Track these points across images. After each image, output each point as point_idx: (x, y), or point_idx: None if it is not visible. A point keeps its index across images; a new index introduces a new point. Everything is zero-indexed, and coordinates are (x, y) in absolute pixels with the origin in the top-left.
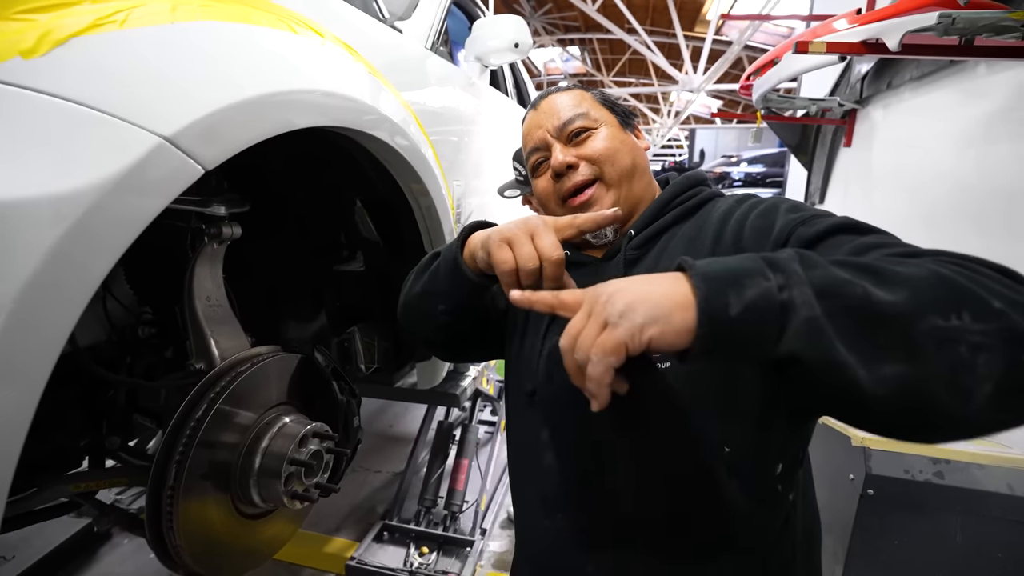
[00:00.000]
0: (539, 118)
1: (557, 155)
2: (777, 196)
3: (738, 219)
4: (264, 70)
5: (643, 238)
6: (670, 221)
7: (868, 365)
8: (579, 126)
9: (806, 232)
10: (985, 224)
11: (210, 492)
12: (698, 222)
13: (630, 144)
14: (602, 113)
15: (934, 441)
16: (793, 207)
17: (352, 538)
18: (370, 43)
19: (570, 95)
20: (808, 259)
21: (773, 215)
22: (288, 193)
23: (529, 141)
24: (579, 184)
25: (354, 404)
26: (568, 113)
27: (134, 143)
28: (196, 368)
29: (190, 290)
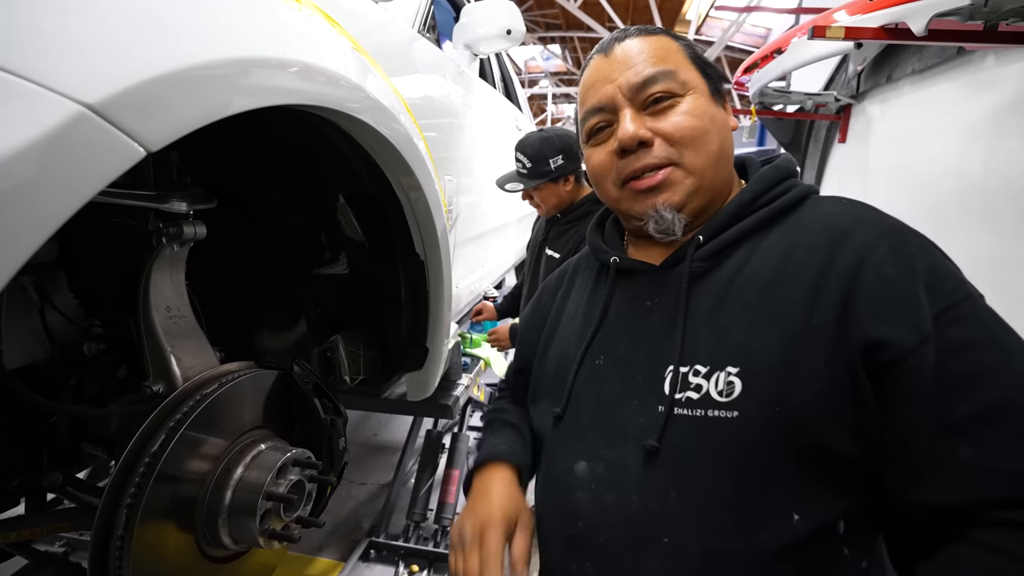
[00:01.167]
0: (609, 68)
1: (627, 124)
2: (900, 226)
3: (857, 251)
4: (224, 32)
5: (716, 246)
6: (751, 227)
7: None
8: (662, 89)
9: (954, 367)
10: (995, 222)
11: (170, 536)
12: (792, 231)
13: (720, 122)
14: (692, 76)
15: None
16: (933, 276)
17: (336, 558)
18: (354, 17)
19: (654, 42)
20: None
21: (910, 282)
22: (262, 188)
23: (591, 97)
24: (650, 166)
25: (339, 424)
26: (649, 69)
27: (47, 111)
28: (153, 390)
29: (146, 299)
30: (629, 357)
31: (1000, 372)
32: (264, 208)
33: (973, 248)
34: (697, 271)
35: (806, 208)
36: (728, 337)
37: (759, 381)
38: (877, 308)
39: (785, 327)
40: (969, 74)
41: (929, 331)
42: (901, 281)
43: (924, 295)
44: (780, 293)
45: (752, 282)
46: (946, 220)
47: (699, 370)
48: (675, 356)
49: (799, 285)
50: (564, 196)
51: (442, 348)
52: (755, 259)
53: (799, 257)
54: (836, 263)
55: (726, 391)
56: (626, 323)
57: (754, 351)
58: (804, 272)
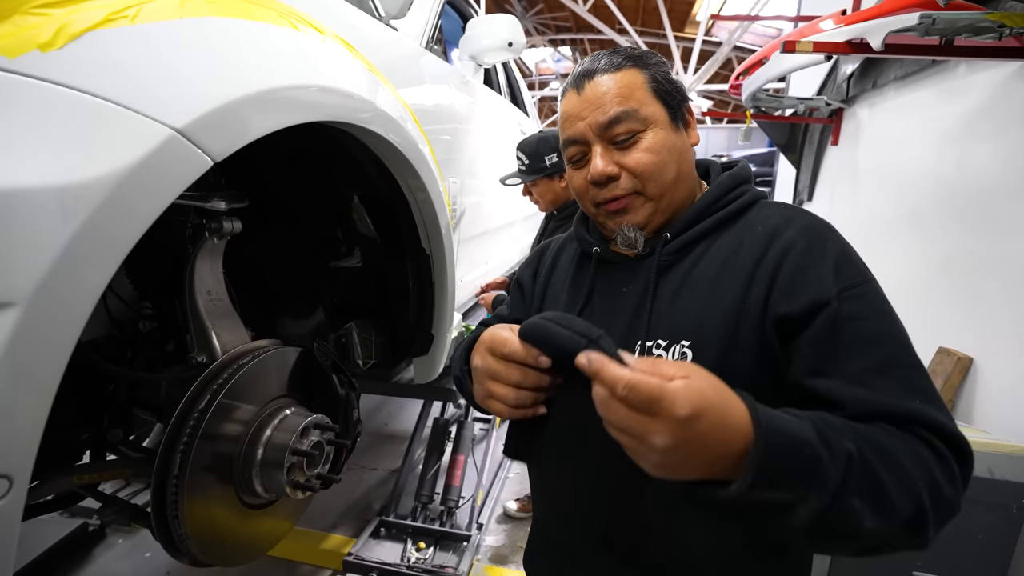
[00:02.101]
0: (581, 107)
1: (597, 162)
2: (821, 225)
3: (783, 245)
4: (269, 65)
5: (680, 243)
6: (709, 228)
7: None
8: (625, 130)
9: (856, 331)
10: (967, 221)
11: (214, 482)
12: (739, 232)
13: (679, 149)
14: (653, 109)
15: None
16: (842, 261)
17: (349, 534)
18: (367, 41)
19: (620, 81)
20: (848, 480)
21: (818, 266)
22: (286, 190)
23: (567, 129)
24: (617, 196)
25: (353, 397)
26: (615, 108)
27: (148, 134)
28: (198, 361)
29: (191, 284)
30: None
31: (889, 338)
32: (286, 208)
33: (947, 245)
34: (664, 263)
35: (753, 212)
36: (684, 317)
37: (705, 351)
38: (790, 290)
39: (726, 308)
40: (944, 81)
41: (834, 304)
42: (813, 267)
43: (832, 276)
44: (725, 282)
45: (705, 273)
46: (925, 219)
47: (660, 343)
48: (643, 332)
49: (739, 275)
50: (559, 192)
51: (446, 334)
52: (709, 254)
53: (742, 253)
54: (767, 257)
55: (680, 360)
56: (605, 305)
57: (702, 327)
58: (744, 265)
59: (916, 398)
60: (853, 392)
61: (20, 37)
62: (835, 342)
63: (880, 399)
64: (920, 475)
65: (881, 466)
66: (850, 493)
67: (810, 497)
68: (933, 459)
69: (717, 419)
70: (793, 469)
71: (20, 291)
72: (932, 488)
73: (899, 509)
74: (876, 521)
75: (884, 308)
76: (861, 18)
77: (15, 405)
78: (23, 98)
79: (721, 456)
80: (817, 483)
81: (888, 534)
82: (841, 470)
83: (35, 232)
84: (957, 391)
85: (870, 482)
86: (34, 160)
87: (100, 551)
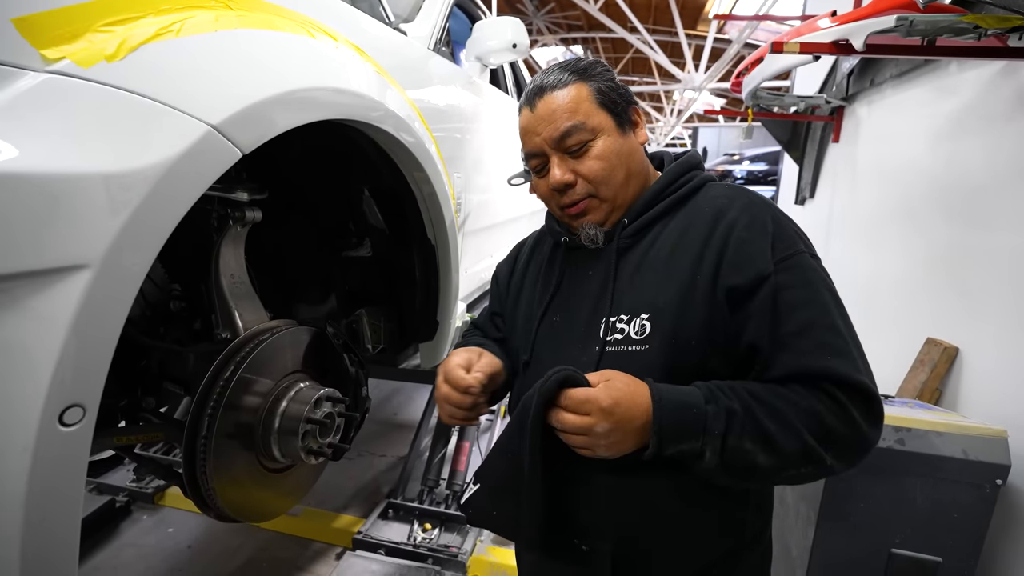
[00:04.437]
0: (534, 123)
1: (555, 172)
2: (761, 203)
3: (727, 224)
4: (289, 70)
5: (635, 228)
6: (662, 211)
7: (733, 481)
8: (575, 141)
9: (784, 300)
10: (955, 216)
11: (237, 444)
12: (690, 213)
13: (627, 151)
14: (600, 119)
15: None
16: (779, 236)
17: (359, 515)
18: (377, 45)
19: (567, 96)
20: (732, 427)
21: (759, 241)
22: (303, 183)
23: (526, 144)
24: (575, 200)
25: (362, 375)
26: (564, 123)
27: (190, 129)
28: (223, 337)
29: (217, 268)
30: (576, 313)
31: (810, 303)
32: (303, 200)
33: (937, 239)
34: (623, 247)
35: (700, 194)
36: (643, 293)
37: (661, 322)
38: (737, 263)
39: (679, 283)
40: (937, 79)
41: (771, 274)
42: (754, 242)
43: (770, 251)
44: (677, 260)
45: (660, 253)
46: (917, 214)
47: (623, 318)
48: (606, 310)
49: (689, 253)
50: None
51: (451, 321)
52: (663, 236)
53: (691, 233)
54: (714, 235)
55: (640, 331)
56: (573, 288)
57: (658, 302)
58: (693, 244)
59: (827, 355)
60: (778, 355)
61: (91, 51)
62: (773, 310)
63: (794, 361)
64: (804, 421)
65: (765, 416)
66: (738, 437)
67: (706, 443)
68: (828, 407)
69: (630, 401)
70: (684, 426)
71: (93, 257)
72: (820, 430)
73: (784, 447)
74: (768, 458)
75: (809, 276)
76: (847, 19)
77: (88, 347)
78: (95, 100)
79: (642, 428)
80: (706, 433)
81: (791, 465)
82: (723, 422)
83: (103, 208)
84: (943, 380)
85: (756, 429)
86: (103, 149)
87: (126, 526)
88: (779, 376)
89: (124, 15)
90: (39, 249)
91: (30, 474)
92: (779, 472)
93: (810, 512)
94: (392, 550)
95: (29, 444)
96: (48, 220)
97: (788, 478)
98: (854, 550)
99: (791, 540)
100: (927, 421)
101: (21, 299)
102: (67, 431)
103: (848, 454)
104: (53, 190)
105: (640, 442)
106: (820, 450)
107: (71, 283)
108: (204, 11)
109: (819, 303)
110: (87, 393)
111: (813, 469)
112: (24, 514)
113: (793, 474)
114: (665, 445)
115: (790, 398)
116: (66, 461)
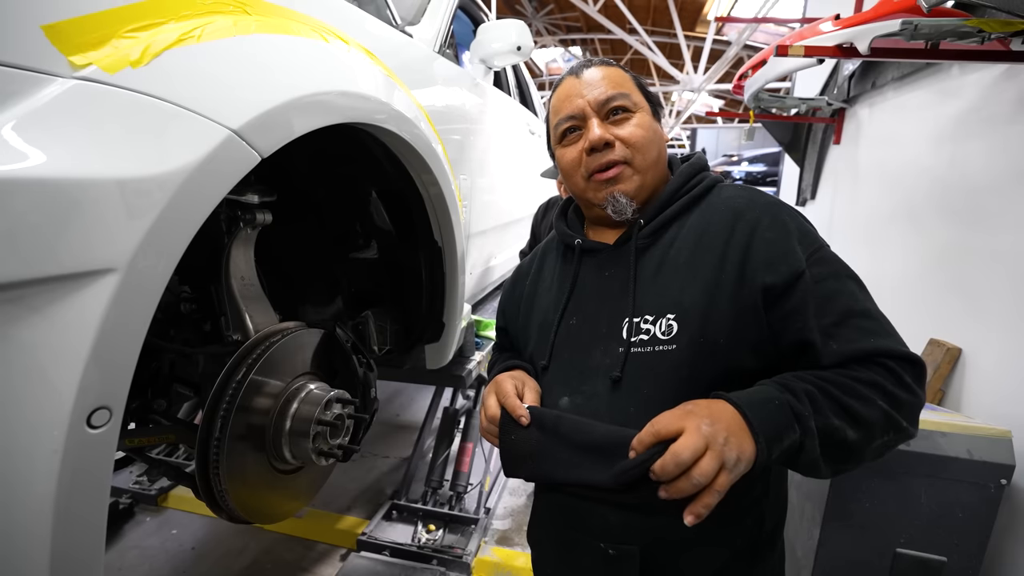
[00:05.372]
0: (579, 86)
1: (595, 129)
2: (776, 202)
3: (749, 224)
4: (304, 74)
5: (653, 228)
6: (678, 211)
7: (834, 467)
8: (620, 104)
9: (821, 292)
10: (958, 217)
11: (249, 446)
12: (705, 213)
13: (659, 135)
14: (640, 99)
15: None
16: (802, 233)
17: (363, 516)
18: (385, 47)
19: (614, 71)
20: (818, 408)
21: (786, 240)
22: (309, 186)
23: (564, 107)
24: (612, 161)
25: (371, 377)
26: (612, 90)
27: (212, 134)
28: (233, 339)
29: (227, 270)
30: (595, 315)
31: (842, 292)
32: (311, 202)
33: (939, 240)
34: (641, 246)
35: (713, 194)
36: (666, 293)
37: (688, 321)
38: (769, 262)
39: (704, 282)
40: (938, 82)
41: (804, 268)
42: (780, 241)
43: (799, 248)
44: (699, 259)
45: (680, 252)
46: (920, 215)
47: (648, 319)
48: (629, 310)
49: (712, 252)
50: None
51: (457, 323)
52: (682, 235)
53: (711, 232)
54: (735, 234)
55: (667, 331)
56: (591, 290)
57: (684, 301)
58: (715, 243)
59: (871, 337)
60: (828, 346)
61: (116, 57)
62: (811, 303)
63: (846, 347)
64: (875, 392)
65: (842, 393)
66: (826, 416)
67: (803, 431)
68: (885, 377)
69: (708, 407)
70: (775, 419)
71: (120, 261)
72: (889, 398)
73: (868, 418)
74: (856, 431)
75: (835, 268)
76: (852, 23)
77: (116, 350)
78: (120, 106)
79: (743, 426)
80: (798, 420)
81: (878, 434)
82: (807, 404)
83: (129, 213)
84: (946, 380)
85: (839, 405)
86: (128, 154)
87: (130, 528)
88: (832, 364)
89: (147, 21)
90: (68, 254)
91: (59, 476)
92: (868, 444)
93: (815, 512)
94: (396, 551)
95: (59, 446)
96: (76, 225)
97: (876, 450)
98: (859, 550)
99: (796, 540)
100: (931, 422)
101: (51, 303)
102: (95, 433)
103: (914, 415)
104: (80, 195)
105: (751, 438)
106: (896, 415)
107: (98, 287)
108: (223, 16)
109: (848, 291)
110: (114, 395)
111: (895, 435)
112: (54, 514)
113: (879, 444)
114: (771, 445)
115: (853, 375)
116: (94, 462)
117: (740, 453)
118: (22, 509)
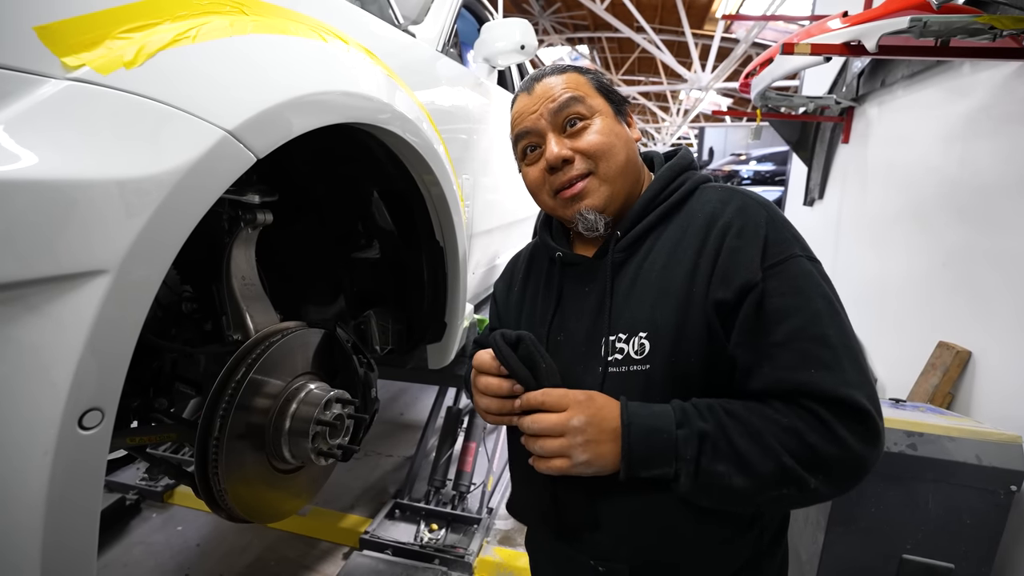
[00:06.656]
0: (532, 102)
1: (552, 147)
2: (755, 203)
3: (720, 231)
4: (301, 74)
5: (629, 240)
6: (655, 221)
7: (716, 504)
8: (575, 112)
9: (770, 308)
10: (968, 217)
11: (248, 445)
12: (683, 221)
13: (624, 137)
14: (598, 101)
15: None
16: (771, 241)
17: (366, 515)
18: (387, 47)
19: (566, 77)
20: (705, 450)
21: (748, 249)
22: (310, 185)
23: (520, 123)
24: (574, 178)
25: (372, 377)
26: (564, 96)
27: (206, 134)
28: (234, 339)
29: (228, 269)
30: (576, 332)
31: (799, 310)
32: (312, 202)
33: (949, 241)
34: (618, 260)
35: (695, 198)
36: (638, 311)
37: (660, 341)
38: (725, 275)
39: (675, 298)
40: (949, 80)
41: (759, 282)
42: (743, 250)
43: (759, 258)
44: (671, 273)
45: (654, 266)
46: (929, 215)
47: (621, 337)
48: (605, 329)
49: (683, 265)
50: None
51: (459, 323)
52: (657, 247)
53: (685, 243)
54: (707, 244)
55: (639, 351)
56: (573, 305)
57: (656, 319)
58: (687, 254)
59: (810, 368)
60: (758, 367)
61: (110, 58)
62: (757, 319)
63: (772, 374)
64: (783, 441)
65: (740, 436)
66: (710, 460)
67: (680, 467)
68: (809, 425)
69: (604, 402)
70: (654, 452)
71: (111, 262)
72: (802, 451)
73: (759, 469)
74: (743, 480)
75: (800, 283)
76: (859, 20)
77: (107, 351)
78: (114, 107)
79: (615, 433)
80: (678, 459)
81: (769, 487)
82: (695, 446)
83: (121, 214)
84: (956, 383)
85: (729, 450)
86: (121, 155)
87: (136, 524)
88: (756, 390)
89: (142, 22)
90: (58, 255)
91: (51, 476)
92: (758, 494)
93: (820, 517)
94: (399, 550)
95: (50, 447)
96: (67, 226)
97: (771, 500)
98: (865, 556)
99: (800, 545)
100: (940, 426)
101: (41, 304)
102: (86, 434)
103: (838, 476)
104: (72, 196)
105: (616, 452)
106: (801, 471)
107: (90, 288)
108: (220, 17)
109: (809, 311)
110: (105, 397)
111: (796, 492)
112: (45, 515)
113: (775, 496)
114: (638, 468)
115: (769, 416)
116: (85, 463)
117: (593, 459)
118: (13, 511)
